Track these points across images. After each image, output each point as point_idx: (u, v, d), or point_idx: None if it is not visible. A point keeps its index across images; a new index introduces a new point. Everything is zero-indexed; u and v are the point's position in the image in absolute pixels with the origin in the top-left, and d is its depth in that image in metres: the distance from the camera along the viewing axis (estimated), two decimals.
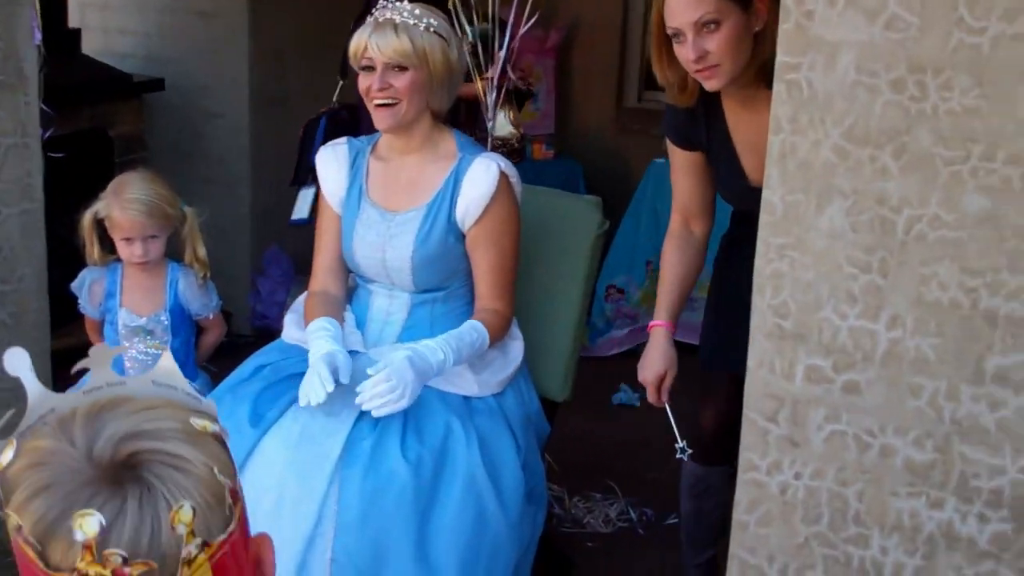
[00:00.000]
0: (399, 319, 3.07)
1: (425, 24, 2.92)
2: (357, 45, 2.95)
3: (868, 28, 2.04)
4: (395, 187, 3.05)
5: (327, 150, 3.16)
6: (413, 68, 2.90)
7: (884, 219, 2.07)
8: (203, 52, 5.21)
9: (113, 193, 3.17)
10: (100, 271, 3.28)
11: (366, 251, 3.03)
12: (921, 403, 2.07)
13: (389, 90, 2.91)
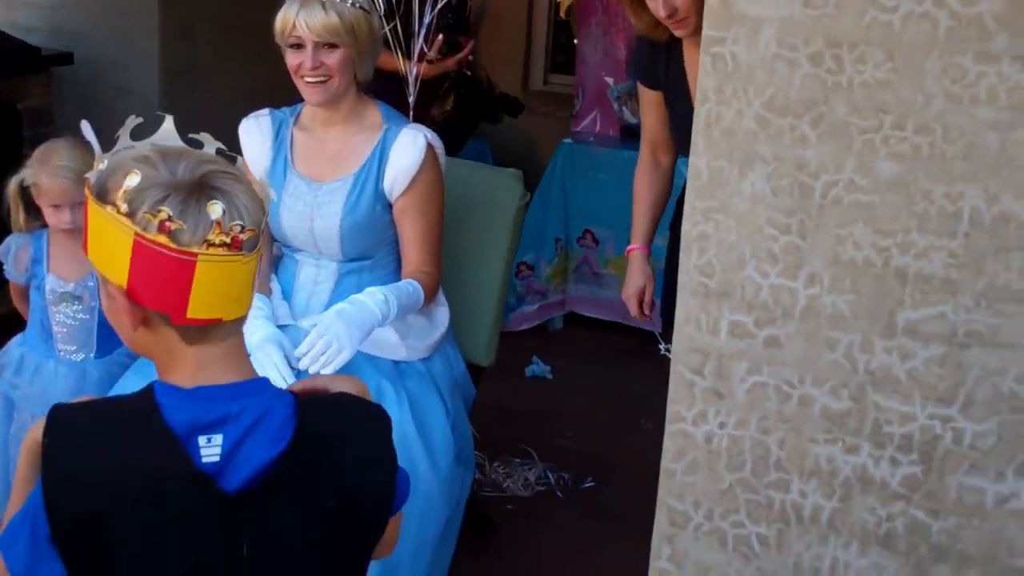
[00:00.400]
0: (327, 287, 3.13)
1: (352, 0, 2.99)
2: (284, 22, 2.99)
3: (788, 5, 2.17)
4: (321, 158, 3.11)
5: (250, 121, 3.19)
6: (343, 45, 2.97)
7: (803, 184, 2.21)
8: (112, 27, 5.19)
9: (40, 160, 3.18)
10: (26, 237, 3.29)
11: (293, 221, 3.08)
12: (837, 355, 2.22)
13: (321, 68, 2.97)
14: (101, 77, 5.22)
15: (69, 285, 3.25)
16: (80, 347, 3.30)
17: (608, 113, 5.58)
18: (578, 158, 5.41)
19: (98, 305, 3.27)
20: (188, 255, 1.53)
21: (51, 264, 3.27)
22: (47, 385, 3.29)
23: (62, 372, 3.29)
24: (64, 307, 3.26)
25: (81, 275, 3.25)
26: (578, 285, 5.52)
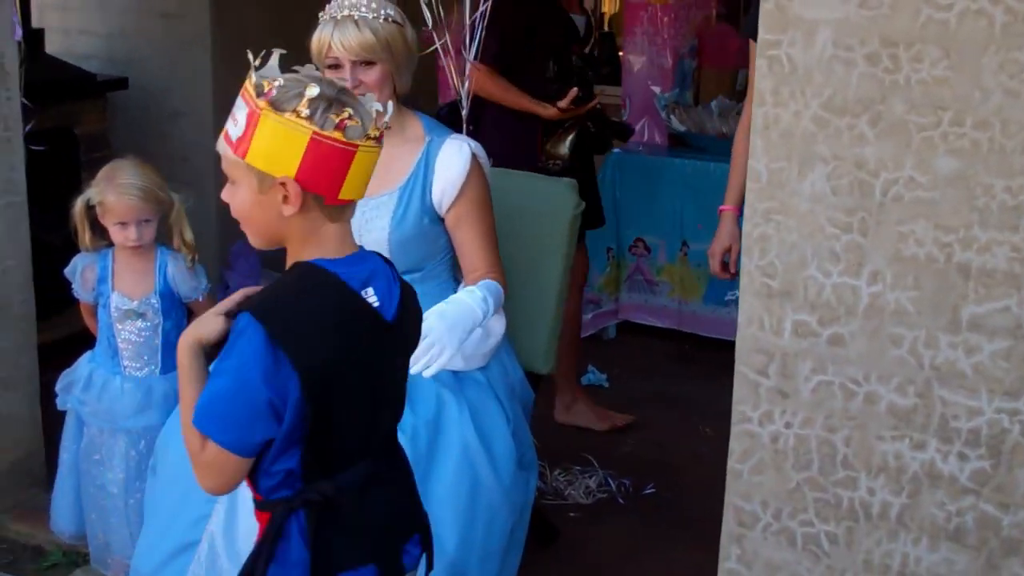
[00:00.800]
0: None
1: (384, 15, 2.96)
2: (320, 43, 2.98)
3: (843, 6, 2.20)
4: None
5: None
6: (380, 61, 2.97)
7: (863, 182, 2.22)
8: (166, 52, 5.27)
9: (107, 179, 3.25)
10: (91, 256, 3.37)
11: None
12: (902, 352, 2.23)
13: (360, 87, 2.92)
14: (155, 101, 5.31)
15: (133, 302, 3.31)
16: (145, 363, 3.36)
17: (656, 122, 5.60)
18: (627, 167, 5.44)
19: (162, 322, 3.34)
20: (352, 146, 1.92)
21: (116, 282, 3.34)
22: (113, 401, 3.35)
23: (128, 388, 3.35)
24: (129, 324, 3.32)
25: (145, 292, 3.31)
26: (631, 293, 5.54)
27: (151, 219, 3.28)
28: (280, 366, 1.86)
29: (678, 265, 5.40)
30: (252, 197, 1.95)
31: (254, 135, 1.90)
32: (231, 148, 1.94)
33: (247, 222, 2.01)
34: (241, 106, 1.93)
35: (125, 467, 3.34)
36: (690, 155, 5.38)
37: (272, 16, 5.40)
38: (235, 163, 1.95)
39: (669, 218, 5.39)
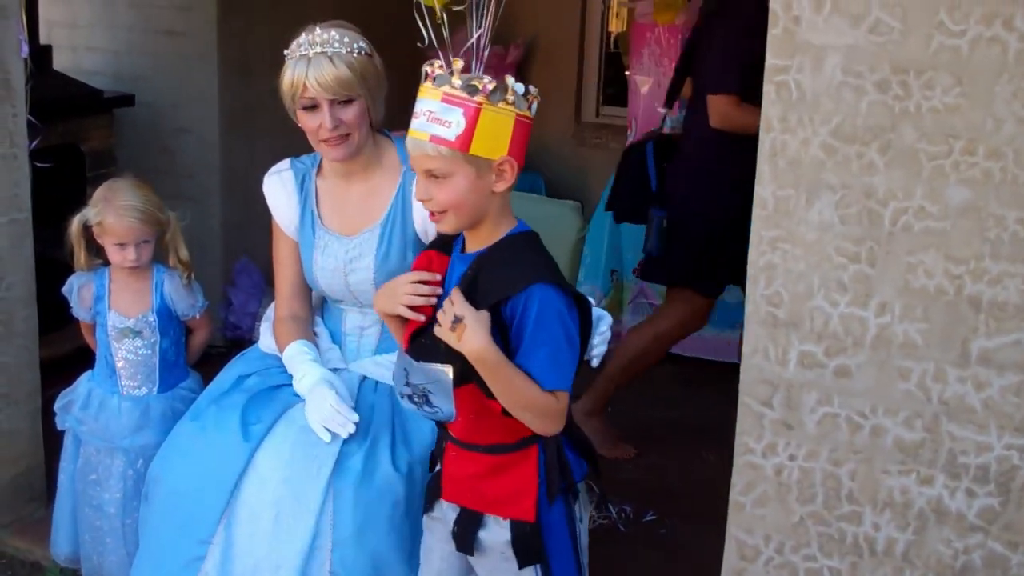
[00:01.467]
0: (374, 332, 3.06)
1: (356, 48, 2.83)
2: (294, 84, 2.84)
3: (853, 32, 2.17)
4: (345, 209, 3.01)
5: (272, 178, 3.09)
6: (358, 97, 2.83)
7: (871, 211, 2.19)
8: (172, 69, 5.25)
9: (105, 200, 3.23)
10: (88, 275, 3.35)
11: (328, 278, 3.01)
12: (910, 385, 2.19)
13: (341, 126, 2.83)
14: (161, 118, 5.29)
15: (130, 321, 3.29)
16: (142, 382, 3.34)
17: None
18: None
19: (159, 340, 3.31)
20: (530, 120, 2.30)
21: (112, 301, 3.32)
22: (111, 420, 3.33)
23: (126, 407, 3.33)
24: (127, 343, 3.30)
25: (141, 311, 3.29)
26: (635, 317, 5.49)
27: (149, 240, 3.26)
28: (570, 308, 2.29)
29: None
30: (469, 184, 2.25)
31: (476, 128, 2.21)
32: (451, 146, 2.22)
33: (459, 208, 2.28)
34: (450, 109, 2.22)
35: (123, 487, 3.31)
36: None
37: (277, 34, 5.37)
38: (452, 158, 2.23)
39: None
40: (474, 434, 2.38)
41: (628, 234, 5.42)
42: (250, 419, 2.88)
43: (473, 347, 2.19)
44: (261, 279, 5.36)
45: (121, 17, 5.34)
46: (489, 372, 2.22)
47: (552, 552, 2.39)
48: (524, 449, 2.36)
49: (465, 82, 2.22)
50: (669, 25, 5.48)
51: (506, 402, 2.24)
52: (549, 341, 2.23)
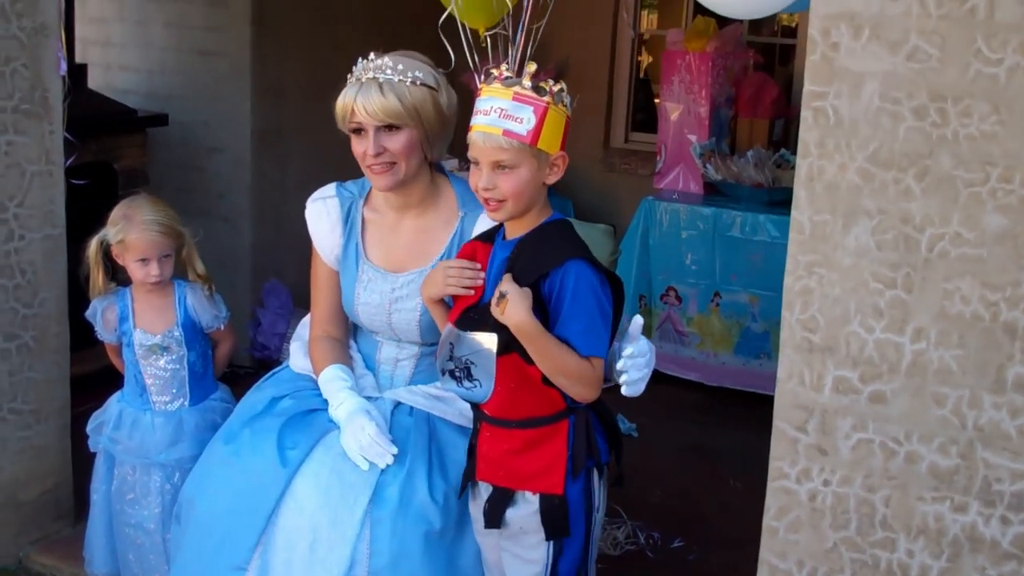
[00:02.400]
0: (409, 364, 3.03)
1: (411, 78, 2.78)
2: (343, 108, 2.81)
3: (891, 59, 2.18)
4: (395, 245, 2.96)
5: (317, 205, 3.05)
6: (406, 126, 2.78)
7: (908, 237, 2.19)
8: (205, 89, 5.29)
9: (125, 218, 3.26)
10: (110, 297, 3.38)
11: (370, 313, 2.97)
12: (945, 411, 2.19)
13: (384, 154, 2.79)
14: (194, 137, 5.32)
15: (156, 337, 3.31)
16: (174, 397, 3.36)
17: (691, 170, 5.57)
18: (661, 215, 5.41)
19: (186, 353, 3.33)
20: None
21: (137, 319, 3.34)
22: (145, 437, 3.35)
23: (159, 423, 3.35)
24: (154, 359, 3.33)
25: (167, 327, 3.32)
26: (661, 343, 5.48)
27: (170, 254, 3.30)
28: (603, 284, 2.48)
29: (709, 316, 5.36)
30: (531, 175, 2.47)
31: (543, 125, 2.44)
32: (522, 140, 2.44)
33: (519, 196, 2.48)
34: (521, 107, 2.44)
35: (161, 501, 3.33)
36: (725, 204, 5.35)
37: (309, 55, 5.44)
38: (521, 151, 2.45)
39: (702, 268, 5.35)
40: (509, 409, 2.53)
41: (656, 260, 5.43)
42: (286, 444, 2.84)
43: (514, 318, 2.39)
44: (289, 300, 5.39)
45: (155, 37, 5.39)
46: (529, 341, 2.41)
47: (570, 530, 2.56)
48: (556, 423, 2.52)
49: (534, 84, 2.45)
50: (700, 52, 5.50)
51: (546, 369, 2.44)
52: (584, 311, 2.43)
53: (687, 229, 5.39)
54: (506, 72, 2.49)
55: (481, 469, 2.61)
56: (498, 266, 2.56)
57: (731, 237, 5.23)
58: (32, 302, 3.62)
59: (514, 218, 2.54)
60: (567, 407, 2.51)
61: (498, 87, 2.47)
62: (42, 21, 3.53)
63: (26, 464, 3.70)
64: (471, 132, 2.50)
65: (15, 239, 3.55)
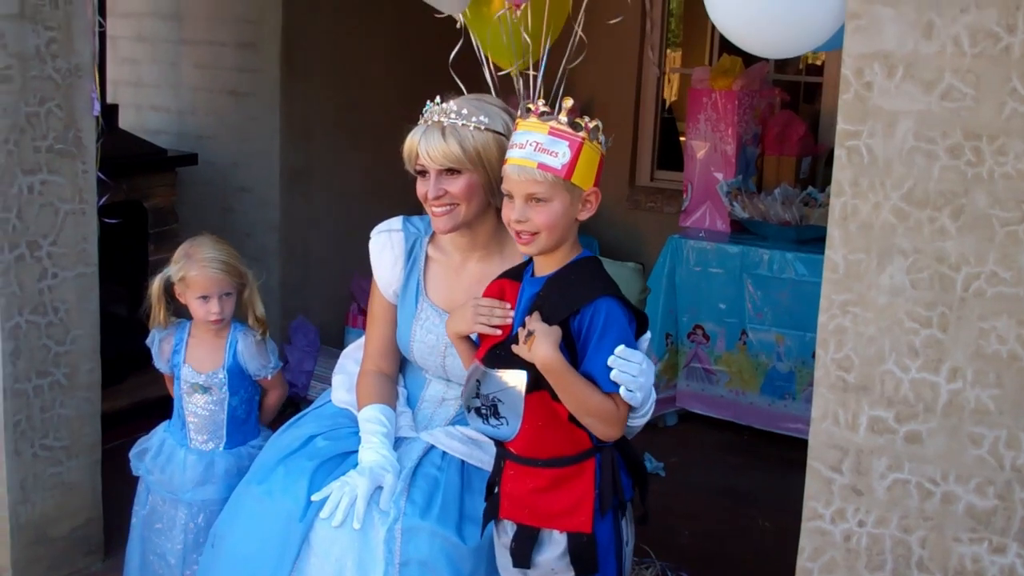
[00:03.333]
0: (453, 405, 3.02)
1: (475, 123, 2.78)
2: (410, 150, 2.83)
3: (925, 98, 2.18)
4: (457, 288, 2.94)
5: (381, 236, 3.04)
6: (467, 171, 2.79)
7: (943, 276, 2.19)
8: (234, 129, 5.34)
9: (187, 256, 3.29)
10: (169, 328, 3.43)
11: (424, 353, 2.96)
12: (982, 451, 2.18)
13: (445, 196, 2.79)
14: (222, 177, 5.37)
15: (201, 376, 3.32)
16: (210, 437, 3.37)
17: (718, 208, 5.57)
18: (687, 253, 5.41)
19: (228, 397, 3.34)
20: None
21: (188, 355, 3.37)
22: (176, 472, 3.36)
23: (191, 461, 3.36)
24: (196, 397, 3.34)
25: (213, 367, 3.32)
26: (688, 381, 5.47)
27: (231, 292, 3.30)
28: (631, 322, 2.51)
29: (737, 354, 5.34)
30: (564, 209, 2.49)
31: (578, 160, 2.46)
32: (557, 174, 2.45)
33: (552, 230, 2.49)
34: (557, 141, 2.46)
35: (184, 539, 3.34)
36: (752, 242, 5.35)
37: (337, 95, 5.48)
38: (555, 184, 2.46)
39: (729, 306, 5.35)
40: (536, 448, 2.52)
41: (683, 298, 5.42)
42: (317, 487, 2.81)
43: (541, 355, 2.40)
44: (316, 338, 5.41)
45: (186, 77, 5.45)
46: (556, 378, 2.41)
47: (599, 567, 2.53)
48: (582, 462, 2.51)
49: (570, 119, 2.48)
50: (726, 91, 5.51)
51: (571, 407, 2.44)
52: (611, 348, 2.43)
53: (714, 267, 5.38)
54: (542, 107, 2.51)
55: (505, 507, 2.59)
56: (526, 302, 2.57)
57: (758, 275, 5.22)
58: (64, 339, 3.65)
59: (545, 252, 2.54)
60: (593, 446, 2.51)
61: (534, 121, 2.49)
62: (76, 63, 3.57)
63: (57, 500, 3.71)
64: (506, 165, 2.52)
65: (48, 277, 3.58)
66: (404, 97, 3.31)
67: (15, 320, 3.50)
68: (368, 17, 5.59)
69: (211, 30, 5.34)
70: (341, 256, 5.51)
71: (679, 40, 10.30)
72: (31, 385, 3.57)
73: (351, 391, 3.07)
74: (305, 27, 5.26)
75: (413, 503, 2.75)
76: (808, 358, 4.97)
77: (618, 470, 2.55)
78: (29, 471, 3.61)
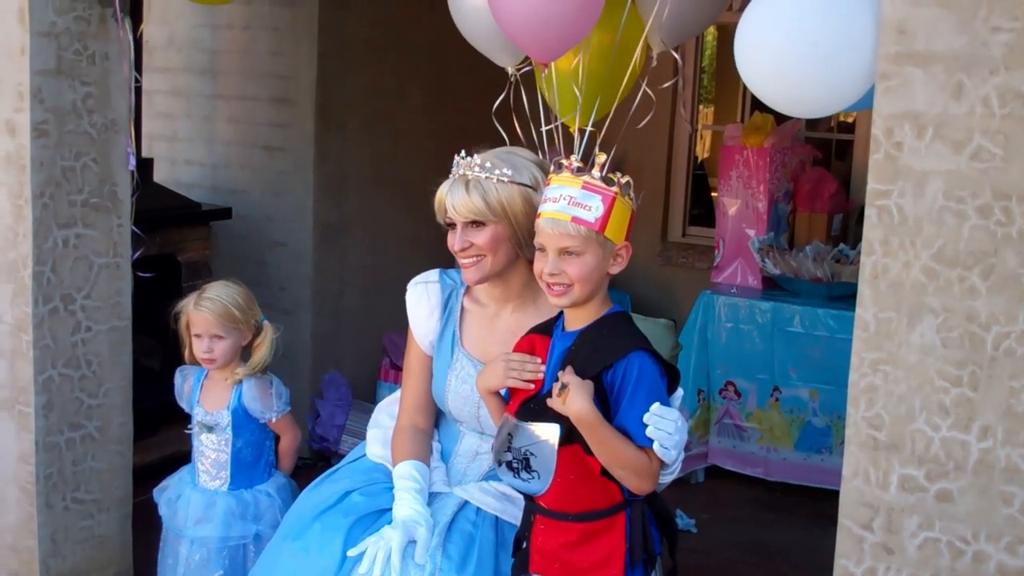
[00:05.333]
0: (487, 459, 2.99)
1: (498, 175, 2.81)
2: (439, 203, 2.88)
3: (955, 158, 2.19)
4: (491, 339, 2.95)
5: (419, 287, 3.07)
6: (491, 223, 2.81)
7: (973, 335, 2.19)
8: (268, 183, 5.39)
9: (196, 293, 3.40)
10: (192, 369, 3.53)
11: (459, 403, 2.97)
12: (1013, 511, 2.16)
13: (470, 248, 2.83)
14: (256, 231, 5.41)
15: (208, 416, 3.40)
16: (213, 476, 3.46)
17: (750, 264, 5.57)
18: (719, 309, 5.41)
19: (231, 439, 3.40)
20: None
21: (202, 395, 3.48)
22: (180, 508, 3.45)
23: (195, 498, 3.44)
24: (204, 436, 3.43)
25: (218, 407, 3.38)
26: (720, 438, 5.45)
27: (223, 336, 3.37)
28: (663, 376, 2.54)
29: (769, 411, 5.33)
30: (596, 262, 2.53)
31: (611, 214, 2.51)
32: (590, 227, 2.50)
33: (584, 283, 2.52)
34: (590, 195, 2.50)
35: (184, 573, 3.42)
36: (784, 299, 5.34)
37: (371, 149, 5.53)
38: (588, 238, 2.51)
39: (761, 362, 5.33)
40: (567, 501, 2.53)
41: (715, 354, 5.41)
42: (354, 543, 2.80)
43: (575, 409, 2.41)
44: (348, 392, 5.42)
45: (220, 132, 5.51)
46: (590, 431, 2.43)
47: None
48: (613, 516, 2.53)
49: (603, 174, 2.52)
50: (758, 148, 5.52)
51: (604, 460, 2.46)
52: (645, 402, 2.45)
53: (746, 323, 5.38)
54: (576, 162, 2.55)
55: (535, 561, 2.59)
56: (558, 357, 2.58)
57: (790, 332, 5.22)
58: (97, 392, 3.68)
59: (577, 305, 2.57)
60: (624, 500, 2.52)
61: (568, 176, 2.54)
62: (112, 118, 3.63)
63: (88, 553, 3.73)
64: (539, 219, 2.56)
65: (82, 330, 3.62)
66: (441, 151, 3.32)
67: (48, 373, 3.54)
68: (404, 71, 5.65)
69: (245, 85, 5.41)
70: (374, 311, 5.53)
71: (711, 96, 10.34)
72: (63, 438, 3.61)
73: (386, 446, 3.07)
74: (340, 82, 5.32)
75: (449, 558, 2.74)
76: (844, 412, 4.94)
77: (648, 524, 2.56)
78: (60, 524, 3.64)
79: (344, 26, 5.31)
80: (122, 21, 3.58)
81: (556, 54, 3.25)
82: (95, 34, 3.53)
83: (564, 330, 2.63)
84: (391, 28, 5.55)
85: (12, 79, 3.42)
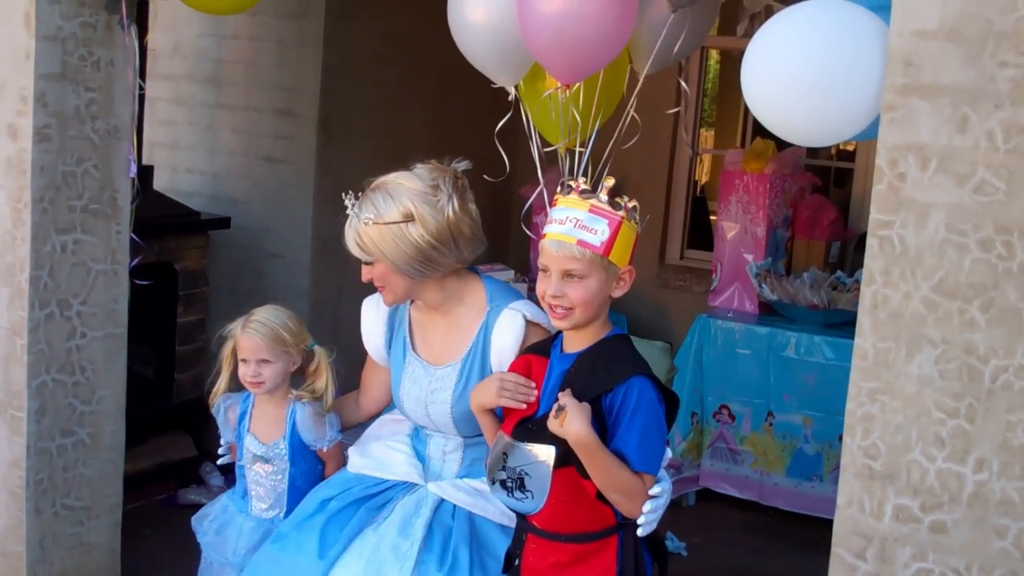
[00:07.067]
0: (456, 457, 3.09)
1: (363, 218, 2.92)
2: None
3: (958, 191, 2.19)
4: (434, 339, 3.10)
5: (371, 301, 3.22)
6: (376, 260, 2.96)
7: (971, 368, 2.19)
8: (269, 195, 5.39)
9: (244, 317, 3.29)
10: (236, 396, 3.39)
11: (412, 404, 3.07)
12: (1006, 543, 2.16)
13: (372, 281, 3.01)
14: (255, 242, 5.41)
15: (263, 447, 3.30)
16: (271, 506, 3.34)
17: (747, 289, 5.58)
18: (715, 333, 5.41)
19: (288, 468, 3.31)
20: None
21: (252, 424, 3.34)
22: (230, 537, 3.34)
23: (248, 528, 3.33)
24: (258, 466, 3.32)
25: (275, 438, 3.30)
26: (713, 461, 5.45)
27: (271, 360, 3.26)
28: (661, 401, 2.53)
29: (763, 435, 5.32)
30: (600, 286, 2.53)
31: (616, 238, 2.51)
32: (595, 251, 2.51)
33: (587, 306, 2.53)
34: (597, 219, 2.51)
35: None
36: (780, 324, 5.35)
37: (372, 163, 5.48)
38: (593, 261, 2.51)
39: (755, 387, 5.33)
40: (560, 522, 2.54)
41: (710, 377, 5.41)
42: (328, 540, 2.92)
43: (572, 431, 2.41)
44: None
45: (223, 142, 5.51)
46: (586, 454, 2.42)
47: None
48: (606, 538, 2.54)
49: (611, 198, 2.53)
50: (758, 174, 5.53)
51: (600, 483, 2.45)
52: (643, 427, 2.46)
53: (741, 348, 5.38)
54: (583, 185, 2.56)
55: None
56: (556, 378, 2.59)
57: (786, 357, 5.22)
58: (90, 399, 3.67)
59: (577, 328, 2.57)
60: (617, 523, 2.53)
61: (575, 199, 2.54)
62: (115, 124, 3.63)
63: (76, 560, 3.71)
64: (543, 240, 2.56)
65: (77, 336, 3.61)
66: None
67: (42, 378, 3.53)
68: (408, 87, 5.66)
69: (249, 96, 5.41)
70: None
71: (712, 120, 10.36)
72: (55, 444, 3.59)
73: (364, 455, 3.17)
74: (343, 95, 5.32)
75: (431, 552, 2.83)
76: (835, 440, 4.94)
77: (640, 547, 2.56)
78: (49, 530, 3.62)
79: (349, 40, 5.32)
80: (128, 28, 3.58)
81: (582, 75, 3.28)
82: (101, 40, 3.54)
83: (563, 351, 2.63)
84: (396, 43, 5.56)
85: (16, 83, 3.42)
